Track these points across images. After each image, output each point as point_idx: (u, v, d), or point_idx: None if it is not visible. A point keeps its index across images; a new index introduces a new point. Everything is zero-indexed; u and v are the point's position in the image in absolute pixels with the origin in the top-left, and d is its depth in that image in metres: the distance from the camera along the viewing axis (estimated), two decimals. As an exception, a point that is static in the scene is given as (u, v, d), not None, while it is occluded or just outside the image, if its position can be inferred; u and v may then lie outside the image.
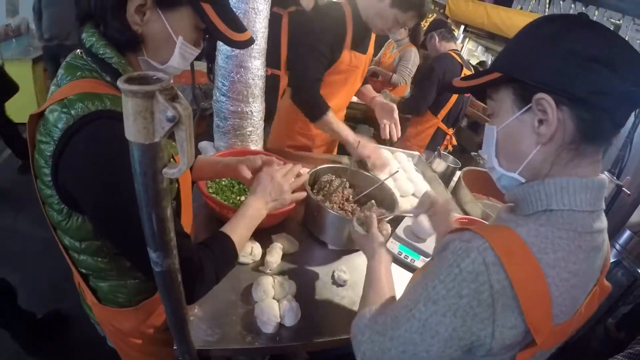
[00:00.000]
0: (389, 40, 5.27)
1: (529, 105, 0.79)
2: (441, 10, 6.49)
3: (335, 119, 2.23)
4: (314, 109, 2.21)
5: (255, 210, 1.29)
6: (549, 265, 0.73)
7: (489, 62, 6.62)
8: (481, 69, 4.35)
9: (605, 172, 2.63)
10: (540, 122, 0.78)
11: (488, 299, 0.71)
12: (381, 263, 1.20)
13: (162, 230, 0.64)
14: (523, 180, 0.85)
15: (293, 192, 1.40)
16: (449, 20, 6.17)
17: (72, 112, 0.88)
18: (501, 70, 0.85)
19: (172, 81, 0.51)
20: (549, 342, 0.77)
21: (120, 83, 0.47)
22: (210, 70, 3.96)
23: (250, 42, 1.12)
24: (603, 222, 0.82)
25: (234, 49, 1.85)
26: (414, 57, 4.72)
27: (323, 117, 2.19)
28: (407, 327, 0.79)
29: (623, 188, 2.48)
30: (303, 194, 1.43)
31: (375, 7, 2.13)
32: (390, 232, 1.42)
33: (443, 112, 3.49)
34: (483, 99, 0.96)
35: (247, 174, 1.41)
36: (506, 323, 0.72)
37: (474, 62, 6.32)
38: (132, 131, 0.50)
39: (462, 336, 0.75)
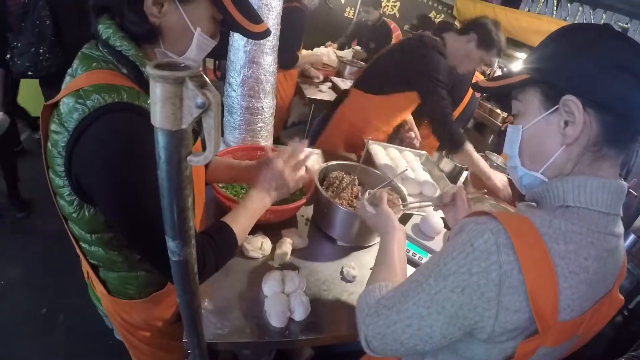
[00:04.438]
0: None
1: (556, 107, 0.82)
2: (449, 11, 6.47)
3: (472, 150, 2.31)
4: (453, 142, 2.28)
5: (257, 200, 1.29)
6: (558, 255, 0.74)
7: (496, 64, 6.60)
8: (487, 70, 4.36)
9: (625, 182, 2.61)
10: (566, 123, 0.80)
11: (496, 279, 0.73)
12: (394, 239, 1.21)
13: (183, 219, 0.63)
14: (545, 179, 0.87)
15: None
16: (456, 22, 6.16)
17: (88, 103, 0.87)
18: (531, 72, 0.87)
19: (200, 68, 0.51)
20: (552, 337, 0.77)
21: (149, 68, 0.47)
22: (218, 67, 3.95)
23: (266, 33, 1.13)
24: (619, 228, 0.83)
25: (245, 44, 1.86)
26: None
27: (461, 149, 2.26)
28: (415, 300, 0.82)
29: (630, 190, 2.47)
30: (305, 177, 1.42)
31: (463, 50, 2.41)
32: (401, 211, 1.41)
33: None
34: (500, 101, 1.00)
35: None
36: (510, 305, 0.73)
37: (481, 63, 6.29)
38: (159, 117, 0.50)
39: (466, 314, 0.77)
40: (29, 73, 2.77)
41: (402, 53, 2.51)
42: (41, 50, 2.75)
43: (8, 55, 2.89)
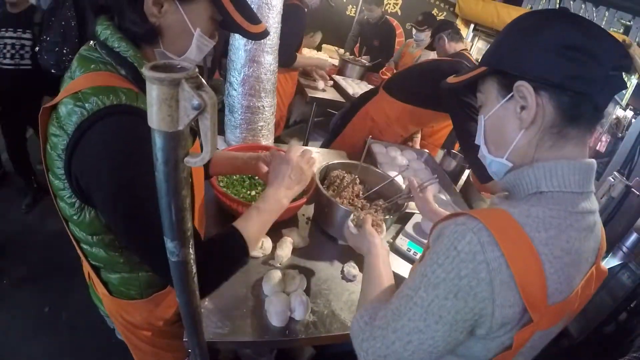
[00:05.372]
0: (408, 40, 5.28)
1: (511, 94, 0.84)
2: (451, 9, 6.45)
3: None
4: (485, 174, 2.21)
5: (274, 202, 1.24)
6: (541, 243, 0.75)
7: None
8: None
9: (615, 173, 2.62)
10: (522, 108, 0.82)
11: (486, 278, 0.73)
12: (378, 256, 1.19)
13: (181, 219, 0.63)
14: (510, 164, 0.89)
15: None
16: (458, 19, 6.15)
17: (87, 106, 0.87)
18: (485, 64, 0.91)
19: (196, 70, 0.51)
20: (546, 321, 0.78)
21: (145, 70, 0.47)
22: (221, 66, 3.96)
23: (265, 34, 1.13)
24: (593, 204, 0.84)
25: (246, 43, 1.87)
26: None
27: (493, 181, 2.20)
28: (410, 316, 0.80)
29: (632, 189, 2.47)
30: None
31: None
32: (385, 232, 1.41)
33: None
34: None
35: (266, 170, 1.41)
36: (505, 302, 0.74)
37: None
38: (156, 119, 0.50)
39: (465, 317, 0.76)
40: (52, 71, 2.81)
41: (441, 74, 2.51)
42: (64, 51, 2.80)
43: (37, 48, 2.94)
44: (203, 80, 0.52)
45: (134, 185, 0.89)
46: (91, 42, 1.01)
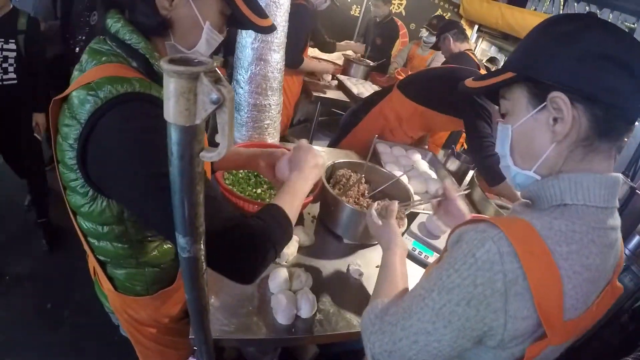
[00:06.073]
0: (414, 40, 5.26)
1: (544, 104, 0.80)
2: (455, 10, 6.45)
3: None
4: (489, 177, 2.23)
5: (299, 180, 1.20)
6: (562, 258, 0.73)
7: (502, 61, 6.57)
8: (492, 67, 4.33)
9: (619, 175, 2.61)
10: (555, 120, 0.79)
11: (501, 288, 0.71)
12: (396, 254, 1.20)
13: (194, 215, 0.63)
14: (539, 177, 0.86)
15: None
16: (462, 20, 6.14)
17: (100, 94, 0.87)
18: (515, 70, 0.86)
19: (215, 64, 0.51)
20: (560, 337, 0.76)
21: (163, 63, 0.47)
22: (226, 64, 3.96)
23: (272, 28, 1.14)
24: (616, 220, 0.82)
25: (253, 42, 1.87)
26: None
27: (501, 183, 2.21)
28: (419, 316, 0.79)
29: (637, 191, 2.46)
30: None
31: None
32: (406, 226, 1.41)
33: None
34: (493, 99, 0.99)
35: (269, 167, 1.41)
36: (518, 314, 0.72)
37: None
38: (173, 112, 0.50)
39: (474, 326, 0.75)
40: None
41: (456, 81, 2.51)
42: None
43: (77, 49, 2.97)
44: (221, 75, 0.51)
45: (153, 165, 0.86)
46: (100, 36, 1.02)
